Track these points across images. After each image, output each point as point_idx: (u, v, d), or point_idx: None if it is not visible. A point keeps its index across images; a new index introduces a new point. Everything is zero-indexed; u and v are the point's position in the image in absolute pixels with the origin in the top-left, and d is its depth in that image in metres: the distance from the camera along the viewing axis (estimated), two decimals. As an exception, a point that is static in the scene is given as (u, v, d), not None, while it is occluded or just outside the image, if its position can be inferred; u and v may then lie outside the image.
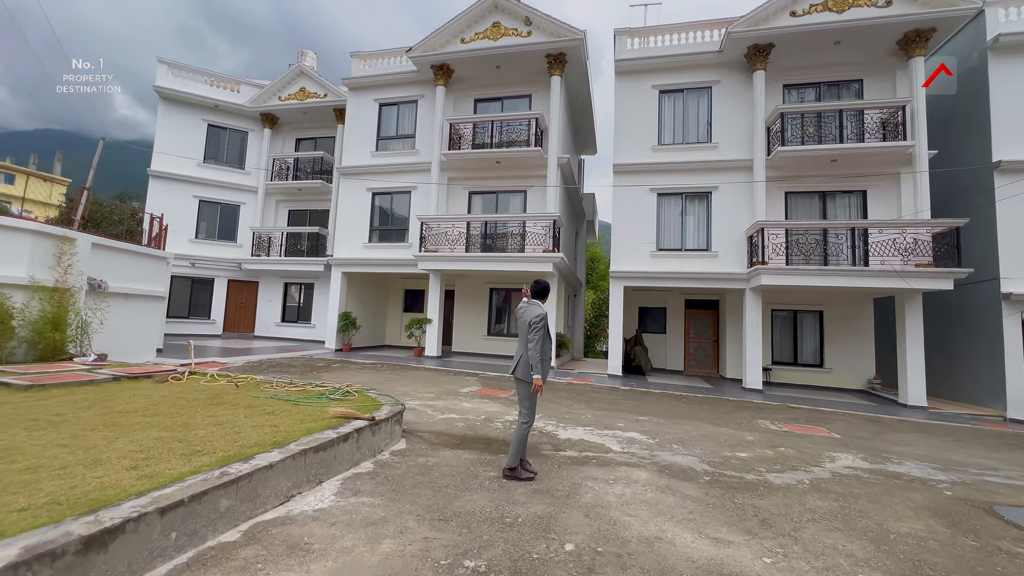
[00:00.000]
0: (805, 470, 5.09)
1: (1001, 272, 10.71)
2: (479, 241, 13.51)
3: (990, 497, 4.60)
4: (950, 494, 4.59)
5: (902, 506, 4.17)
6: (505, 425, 6.25)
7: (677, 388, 11.40)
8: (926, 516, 3.98)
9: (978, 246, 11.14)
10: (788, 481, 4.68)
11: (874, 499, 4.30)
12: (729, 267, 12.35)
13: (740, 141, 12.57)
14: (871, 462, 5.59)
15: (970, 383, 11.56)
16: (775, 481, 4.65)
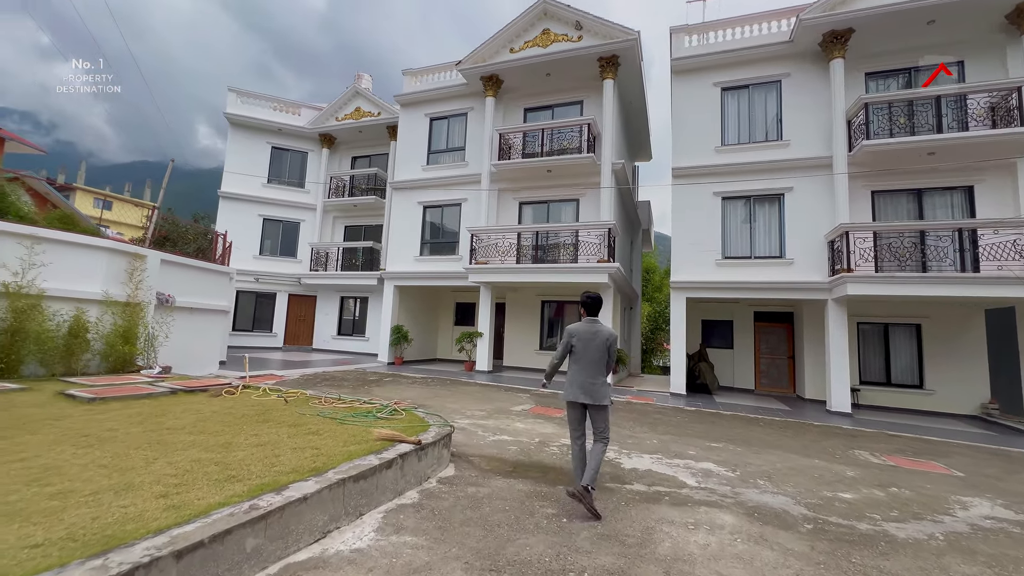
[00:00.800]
0: (933, 519, 4.16)
1: None
2: (530, 252, 13.11)
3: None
4: None
5: (1084, 578, 3.22)
6: (562, 450, 5.70)
7: (750, 409, 10.32)
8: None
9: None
10: (915, 534, 3.80)
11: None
12: (807, 275, 11.15)
13: (816, 137, 11.43)
14: (1016, 511, 4.53)
15: (1120, 411, 9.63)
16: (898, 534, 3.78)
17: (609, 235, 12.10)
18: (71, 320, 7.20)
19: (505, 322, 16.12)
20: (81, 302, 7.46)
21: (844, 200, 10.68)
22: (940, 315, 11.56)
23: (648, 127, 17.91)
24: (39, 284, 6.87)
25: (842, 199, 10.70)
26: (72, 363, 7.22)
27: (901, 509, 4.38)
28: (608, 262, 11.91)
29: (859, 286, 9.79)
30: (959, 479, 5.70)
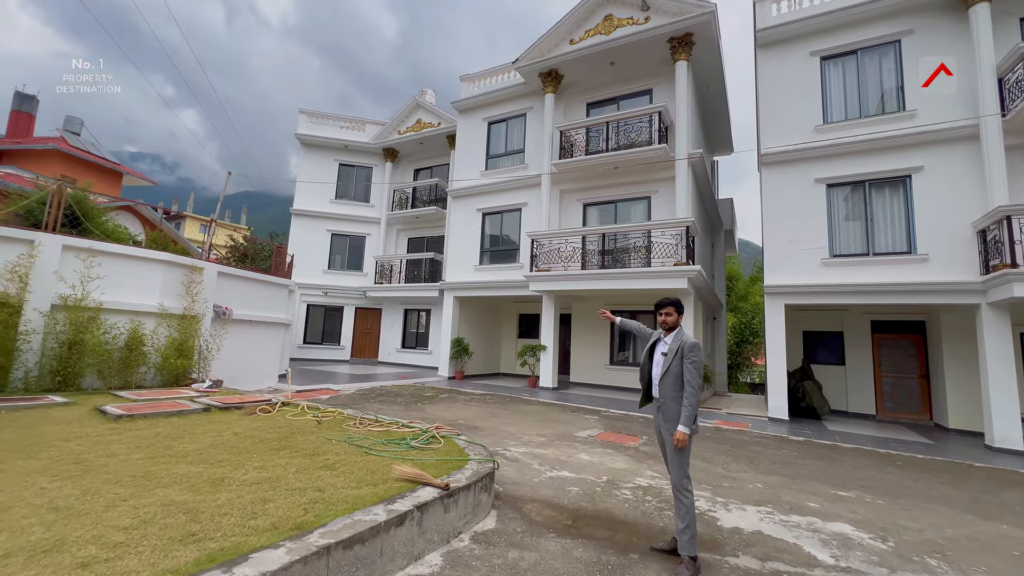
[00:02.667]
0: None
1: None
2: (596, 257, 11.91)
3: None
4: None
5: None
6: (636, 495, 4.49)
7: (876, 441, 8.29)
8: None
9: None
10: None
11: None
12: (947, 275, 8.91)
13: (954, 102, 9.21)
14: None
15: None
16: None
17: (687, 234, 10.61)
18: (127, 333, 7.19)
19: (571, 335, 14.94)
20: (138, 315, 7.48)
21: (1001, 177, 8.41)
22: None
23: (728, 115, 16.05)
24: (97, 296, 6.91)
25: (998, 175, 8.43)
26: (129, 376, 7.19)
27: None
28: (687, 264, 10.41)
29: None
30: None
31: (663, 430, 3.38)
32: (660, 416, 3.42)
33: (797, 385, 11.01)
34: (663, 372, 3.37)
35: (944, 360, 10.21)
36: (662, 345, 3.51)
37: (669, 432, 3.31)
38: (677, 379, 3.32)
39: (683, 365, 3.31)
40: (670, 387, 3.34)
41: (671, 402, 3.33)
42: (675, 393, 3.32)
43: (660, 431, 3.43)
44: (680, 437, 3.17)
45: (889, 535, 3.89)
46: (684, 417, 3.21)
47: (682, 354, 3.34)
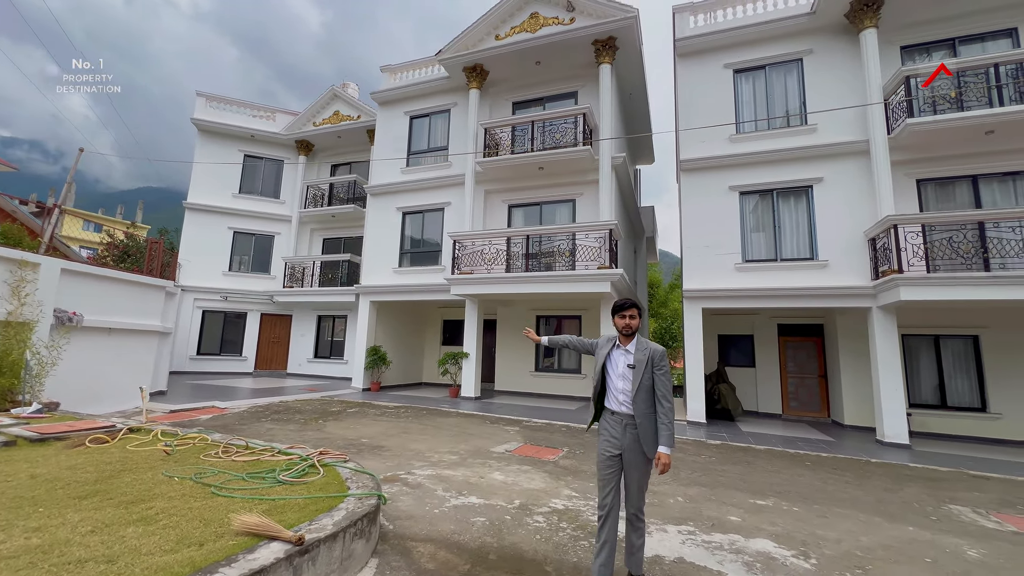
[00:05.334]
0: None
1: None
2: (521, 260, 11.47)
3: None
4: None
5: None
6: (550, 522, 3.94)
7: (785, 441, 8.51)
8: None
9: None
10: None
11: None
12: (844, 280, 9.46)
13: (848, 120, 9.88)
14: None
15: None
16: None
17: (610, 237, 10.48)
18: (-86, 344, 5.54)
19: (496, 341, 14.40)
20: (-67, 321, 5.80)
21: (888, 189, 9.06)
22: (1003, 324, 9.81)
23: (650, 125, 16.50)
24: None
25: (885, 188, 9.08)
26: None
27: (1113, 640, 2.61)
28: (610, 268, 10.27)
29: (914, 290, 8.09)
30: None
31: (632, 452, 2.91)
32: (628, 436, 2.92)
33: (713, 388, 11.24)
34: (636, 387, 2.92)
35: (840, 361, 10.89)
36: (625, 356, 3.03)
37: (644, 455, 2.89)
38: (649, 393, 2.93)
39: (655, 376, 2.94)
40: (643, 403, 2.91)
41: (645, 420, 2.89)
42: (648, 410, 2.90)
43: (625, 452, 2.92)
44: (666, 460, 2.80)
45: (810, 550, 3.65)
46: (667, 437, 2.84)
47: (653, 364, 2.96)
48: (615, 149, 11.84)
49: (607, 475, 2.91)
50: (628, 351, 3.00)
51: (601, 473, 2.94)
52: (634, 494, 2.93)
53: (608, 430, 2.94)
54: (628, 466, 2.91)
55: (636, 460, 2.90)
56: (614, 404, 2.95)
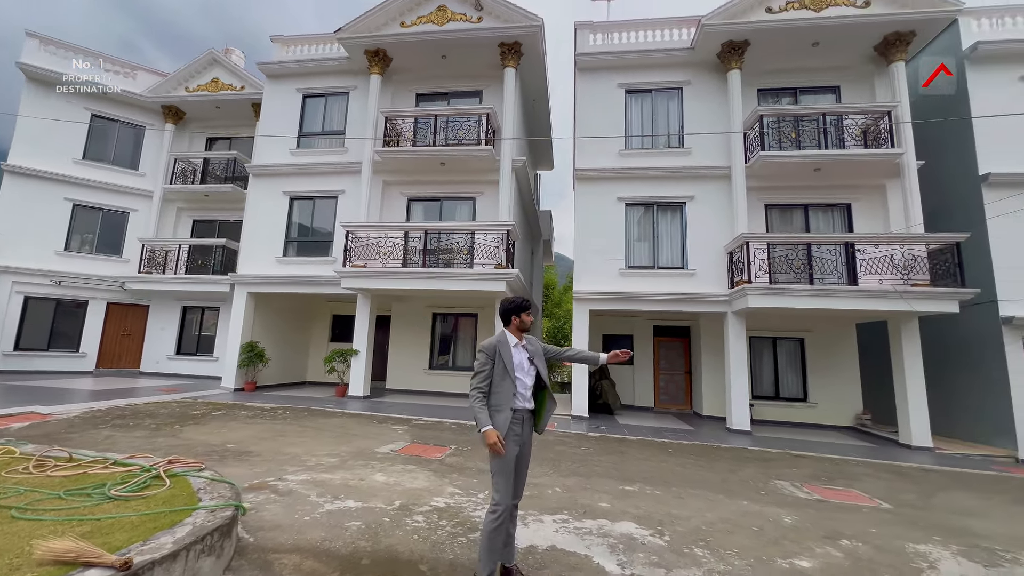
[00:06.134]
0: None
1: (999, 294, 9.69)
2: (418, 255, 11.23)
3: None
4: None
5: None
6: (430, 521, 3.91)
7: (654, 432, 9.42)
8: None
9: (969, 267, 10.13)
10: (920, 635, 2.65)
11: None
12: (708, 287, 10.75)
13: (716, 147, 11.23)
14: (985, 566, 3.71)
15: (971, 419, 10.35)
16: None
17: (508, 238, 10.71)
18: None
19: (390, 338, 13.93)
20: None
21: (743, 210, 10.48)
22: (820, 329, 11.89)
23: (551, 133, 17.19)
24: None
25: (741, 209, 10.50)
26: None
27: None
28: (506, 268, 10.49)
29: (759, 298, 9.47)
30: (891, 514, 4.97)
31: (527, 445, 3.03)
32: (526, 430, 3.02)
33: (596, 384, 12.05)
34: (536, 380, 3.07)
35: (702, 359, 12.34)
36: (523, 352, 3.07)
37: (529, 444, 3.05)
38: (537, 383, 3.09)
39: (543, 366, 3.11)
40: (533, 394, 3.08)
41: (530, 411, 3.07)
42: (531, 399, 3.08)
43: (523, 447, 3.00)
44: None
45: (665, 528, 4.07)
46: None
47: (543, 354, 3.15)
48: (516, 152, 12.13)
49: (511, 471, 2.90)
50: (525, 348, 3.07)
51: (507, 471, 2.87)
52: (523, 486, 3.03)
53: (513, 428, 2.92)
54: (523, 459, 2.99)
55: (529, 452, 3.04)
56: (519, 401, 2.95)
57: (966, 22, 10.70)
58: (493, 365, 2.96)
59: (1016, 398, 9.32)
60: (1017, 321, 9.44)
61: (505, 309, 3.12)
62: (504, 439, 2.82)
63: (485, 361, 2.97)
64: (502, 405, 2.91)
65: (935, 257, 9.31)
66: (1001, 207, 9.84)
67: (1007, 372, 9.47)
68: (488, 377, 2.95)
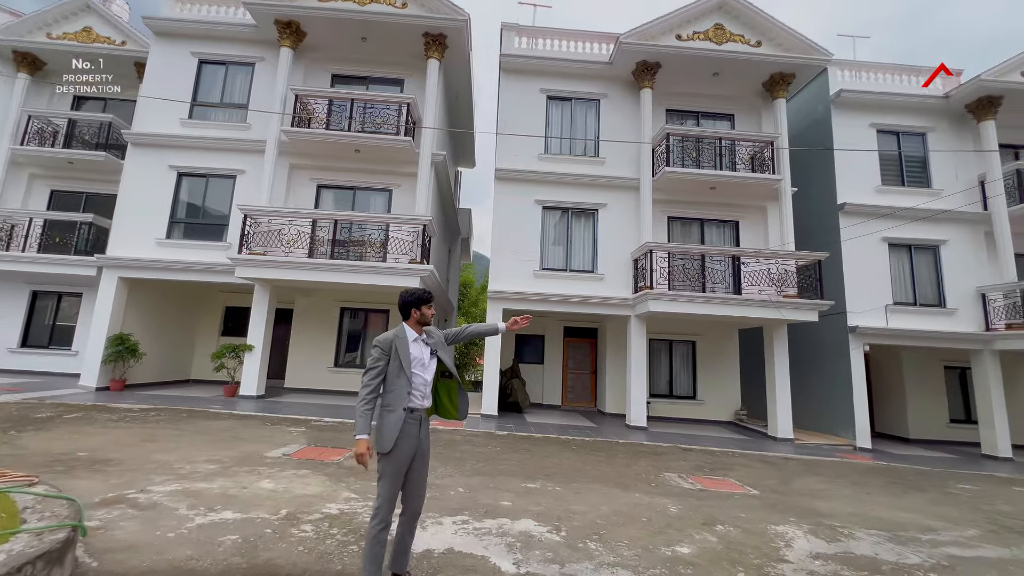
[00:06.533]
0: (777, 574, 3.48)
1: (847, 307, 11.35)
2: (327, 246, 10.57)
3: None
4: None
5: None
6: (319, 530, 3.65)
7: (560, 429, 9.75)
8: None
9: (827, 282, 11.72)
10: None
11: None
12: (615, 292, 11.35)
13: (627, 159, 11.90)
14: (828, 541, 4.28)
15: (822, 413, 12.02)
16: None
17: (424, 233, 10.46)
18: None
19: (292, 333, 12.96)
20: None
21: (648, 220, 11.22)
22: (709, 333, 13.10)
23: (473, 130, 17.11)
24: None
25: (647, 219, 11.22)
26: None
27: (740, 562, 3.64)
28: (421, 264, 10.23)
29: (660, 303, 10.18)
30: (757, 499, 5.58)
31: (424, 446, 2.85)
32: (423, 431, 2.85)
33: (507, 383, 12.21)
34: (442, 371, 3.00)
35: (607, 359, 13.02)
36: (424, 346, 2.89)
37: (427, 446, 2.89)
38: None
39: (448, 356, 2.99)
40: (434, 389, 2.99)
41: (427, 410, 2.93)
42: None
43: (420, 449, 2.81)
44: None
45: (563, 524, 4.19)
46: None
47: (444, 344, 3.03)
48: (437, 146, 11.88)
49: (400, 476, 2.72)
50: (425, 342, 2.90)
51: (395, 476, 2.68)
52: (424, 490, 2.87)
53: (407, 430, 2.71)
54: (420, 462, 2.80)
55: (428, 454, 2.88)
56: (415, 400, 2.76)
57: (833, 71, 12.41)
58: (388, 361, 2.76)
59: (856, 395, 10.98)
60: (860, 330, 11.12)
61: (404, 302, 2.92)
62: (396, 442, 2.67)
63: (379, 356, 2.76)
64: (395, 404, 2.72)
65: (802, 272, 10.67)
66: (852, 232, 11.54)
67: (851, 373, 11.11)
68: (381, 374, 2.74)
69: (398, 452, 2.68)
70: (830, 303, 10.41)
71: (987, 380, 11.06)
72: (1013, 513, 5.85)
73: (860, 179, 11.96)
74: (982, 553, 4.26)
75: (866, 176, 12.01)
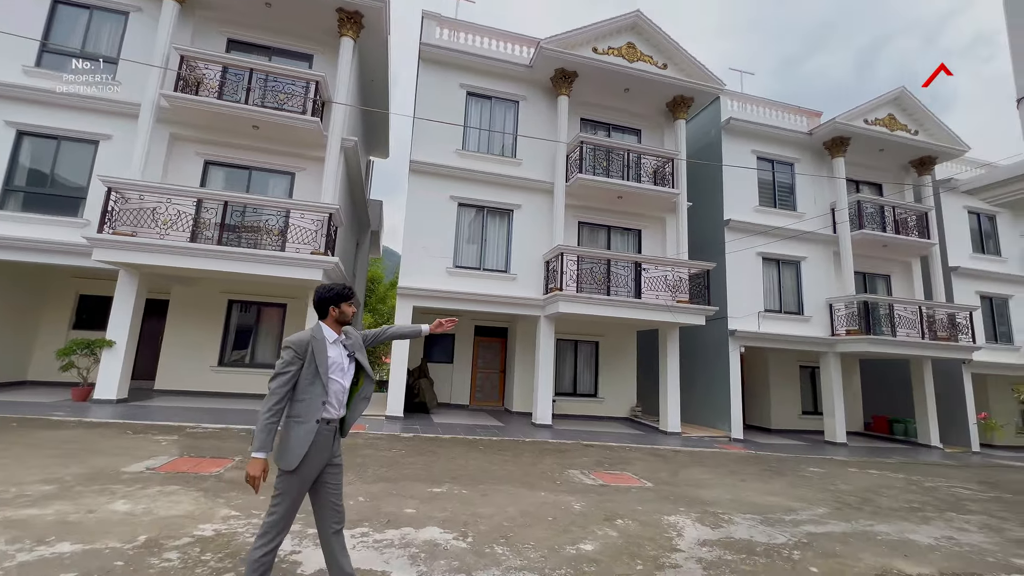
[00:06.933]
0: (672, 565, 3.70)
1: (729, 312, 12.66)
2: (214, 230, 9.39)
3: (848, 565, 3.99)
4: (816, 571, 3.80)
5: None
6: (187, 558, 3.16)
7: (467, 429, 9.65)
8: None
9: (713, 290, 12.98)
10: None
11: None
12: (527, 292, 11.54)
13: (543, 163, 12.16)
14: (712, 528, 4.67)
15: (704, 408, 13.29)
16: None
17: (330, 222, 9.74)
18: None
19: (166, 328, 11.35)
20: None
21: (561, 224, 11.55)
22: (611, 334, 13.87)
23: (388, 120, 16.38)
24: None
25: (559, 223, 11.55)
26: None
27: (640, 557, 3.82)
28: (326, 255, 9.52)
29: (569, 304, 10.53)
30: (651, 491, 5.96)
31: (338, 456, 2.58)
32: (336, 442, 2.56)
33: (414, 382, 11.84)
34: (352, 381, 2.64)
35: (516, 358, 13.20)
36: (340, 349, 2.57)
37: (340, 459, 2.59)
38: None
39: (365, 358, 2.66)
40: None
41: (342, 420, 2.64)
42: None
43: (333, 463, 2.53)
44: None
45: (469, 529, 4.08)
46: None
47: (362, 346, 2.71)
48: (348, 131, 11.16)
49: (301, 494, 2.42)
50: (344, 344, 2.59)
51: (296, 494, 2.38)
52: (342, 507, 2.57)
53: (321, 443, 2.42)
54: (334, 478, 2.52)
55: (341, 468, 2.59)
56: (330, 411, 2.47)
57: (725, 100, 13.80)
58: (301, 366, 2.41)
59: (732, 391, 12.30)
60: (738, 334, 12.47)
61: (321, 298, 2.59)
62: (305, 458, 2.35)
63: (291, 360, 2.39)
64: (306, 415, 2.39)
65: (693, 280, 11.69)
66: (734, 245, 12.91)
67: (729, 372, 12.42)
68: (292, 380, 2.38)
69: (306, 468, 2.38)
70: (715, 309, 11.54)
71: (831, 377, 13.02)
72: (851, 491, 6.90)
73: (743, 199, 13.43)
74: (831, 528, 4.94)
75: (747, 197, 13.52)
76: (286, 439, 2.36)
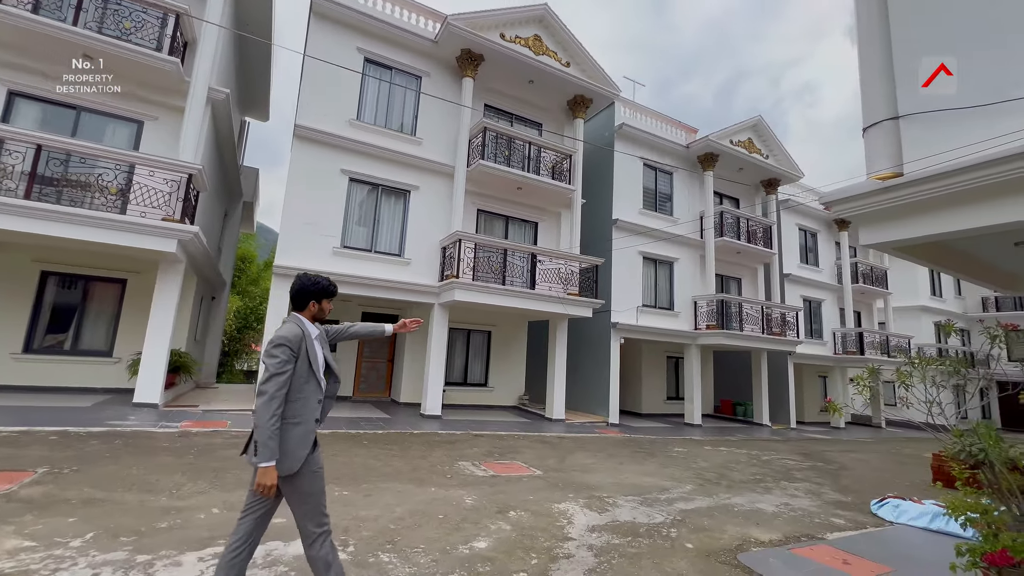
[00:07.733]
0: (565, 555, 3.69)
1: (612, 306, 13.52)
2: (22, 181, 7.36)
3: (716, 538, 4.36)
4: (691, 547, 4.09)
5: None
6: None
7: (351, 423, 8.97)
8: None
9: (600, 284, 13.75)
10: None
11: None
12: (422, 278, 11.05)
13: (444, 145, 11.70)
14: (599, 512, 4.83)
15: (586, 395, 14.08)
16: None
17: (189, 184, 8.24)
18: None
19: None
20: None
21: (460, 210, 11.24)
22: (503, 324, 13.98)
23: (269, 75, 14.48)
24: None
25: (458, 209, 11.23)
26: None
27: (535, 550, 3.76)
28: (182, 223, 8.04)
29: (465, 292, 10.30)
30: (541, 479, 6.03)
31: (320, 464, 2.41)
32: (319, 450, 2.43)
33: (292, 372, 10.68)
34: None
35: (406, 347, 12.64)
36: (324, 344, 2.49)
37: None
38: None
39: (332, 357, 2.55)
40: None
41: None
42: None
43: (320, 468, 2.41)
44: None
45: (351, 537, 3.66)
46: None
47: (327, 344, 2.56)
48: (218, 80, 9.56)
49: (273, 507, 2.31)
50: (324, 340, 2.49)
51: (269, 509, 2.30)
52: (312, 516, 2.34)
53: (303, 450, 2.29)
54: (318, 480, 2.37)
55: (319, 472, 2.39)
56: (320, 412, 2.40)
57: (619, 106, 14.61)
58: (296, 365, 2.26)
59: (612, 379, 13.18)
60: (620, 326, 13.37)
61: (304, 289, 2.41)
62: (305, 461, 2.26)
63: (288, 358, 2.23)
64: (303, 416, 2.28)
65: (583, 274, 12.21)
66: (620, 243, 13.80)
67: (610, 361, 13.29)
68: (290, 381, 2.23)
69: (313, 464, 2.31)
70: (602, 302, 12.21)
71: (692, 366, 14.65)
72: (709, 468, 7.75)
73: (629, 201, 14.39)
74: (698, 504, 5.44)
75: (633, 199, 14.52)
76: (284, 443, 2.21)
